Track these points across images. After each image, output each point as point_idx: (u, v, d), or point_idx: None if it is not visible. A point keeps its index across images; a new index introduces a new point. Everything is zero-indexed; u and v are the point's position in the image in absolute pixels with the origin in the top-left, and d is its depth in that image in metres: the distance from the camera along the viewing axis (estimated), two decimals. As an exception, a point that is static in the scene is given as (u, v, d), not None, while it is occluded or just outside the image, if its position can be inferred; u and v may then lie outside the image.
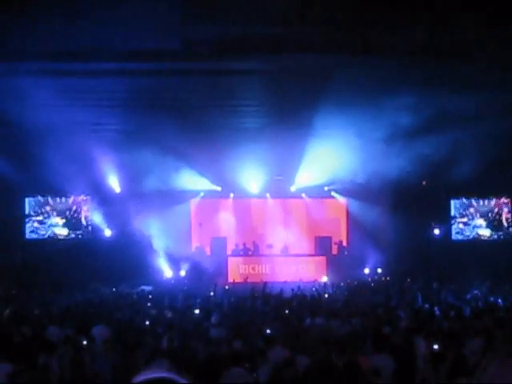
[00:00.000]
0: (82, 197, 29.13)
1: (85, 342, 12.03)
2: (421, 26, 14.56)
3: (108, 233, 29.15)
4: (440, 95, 19.18)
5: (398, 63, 17.06)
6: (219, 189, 30.61)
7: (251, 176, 29.50)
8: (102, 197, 28.62)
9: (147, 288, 24.54)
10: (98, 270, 26.04)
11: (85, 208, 29.43)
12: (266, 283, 23.13)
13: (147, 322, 15.01)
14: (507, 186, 29.19)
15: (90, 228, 29.55)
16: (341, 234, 31.43)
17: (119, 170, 28.16)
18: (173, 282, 27.43)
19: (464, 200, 30.81)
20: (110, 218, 28.92)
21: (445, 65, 17.17)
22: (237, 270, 28.71)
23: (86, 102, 20.37)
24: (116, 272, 25.88)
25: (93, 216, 29.25)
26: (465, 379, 8.67)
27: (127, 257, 26.48)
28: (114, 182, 28.73)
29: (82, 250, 27.80)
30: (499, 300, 19.40)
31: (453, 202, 30.81)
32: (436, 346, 10.84)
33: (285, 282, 25.54)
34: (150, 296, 21.78)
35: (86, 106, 20.77)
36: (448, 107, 20.06)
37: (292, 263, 29.21)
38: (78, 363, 10.44)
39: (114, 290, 24.29)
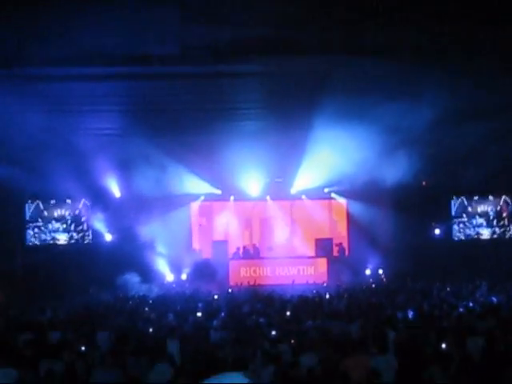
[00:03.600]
0: (82, 201, 29.08)
1: (83, 348, 11.97)
2: (421, 26, 14.46)
3: (108, 237, 29.14)
4: (441, 96, 19.09)
5: (397, 63, 16.98)
6: (219, 192, 30.60)
7: (251, 179, 29.47)
8: (102, 201, 28.62)
9: (148, 292, 24.47)
10: (99, 275, 25.99)
11: (85, 212, 29.38)
12: (267, 286, 23.14)
13: (149, 327, 14.99)
14: (507, 185, 29.20)
15: (90, 233, 29.52)
16: (341, 236, 31.42)
17: (119, 175, 28.17)
18: (174, 285, 27.43)
19: (464, 199, 30.75)
20: (110, 222, 28.92)
21: (445, 65, 17.08)
22: (238, 273, 28.67)
23: (83, 107, 20.34)
24: (117, 276, 25.84)
25: (93, 220, 29.20)
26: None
27: (128, 261, 26.44)
28: (114, 187, 28.72)
29: (82, 255, 27.80)
30: (500, 299, 19.36)
31: (453, 202, 30.76)
32: (444, 345, 10.86)
33: (286, 284, 25.54)
34: (151, 300, 21.75)
35: (85, 112, 20.76)
36: (449, 107, 19.96)
37: (293, 265, 29.14)
38: (72, 370, 10.34)
39: (116, 294, 24.22)
